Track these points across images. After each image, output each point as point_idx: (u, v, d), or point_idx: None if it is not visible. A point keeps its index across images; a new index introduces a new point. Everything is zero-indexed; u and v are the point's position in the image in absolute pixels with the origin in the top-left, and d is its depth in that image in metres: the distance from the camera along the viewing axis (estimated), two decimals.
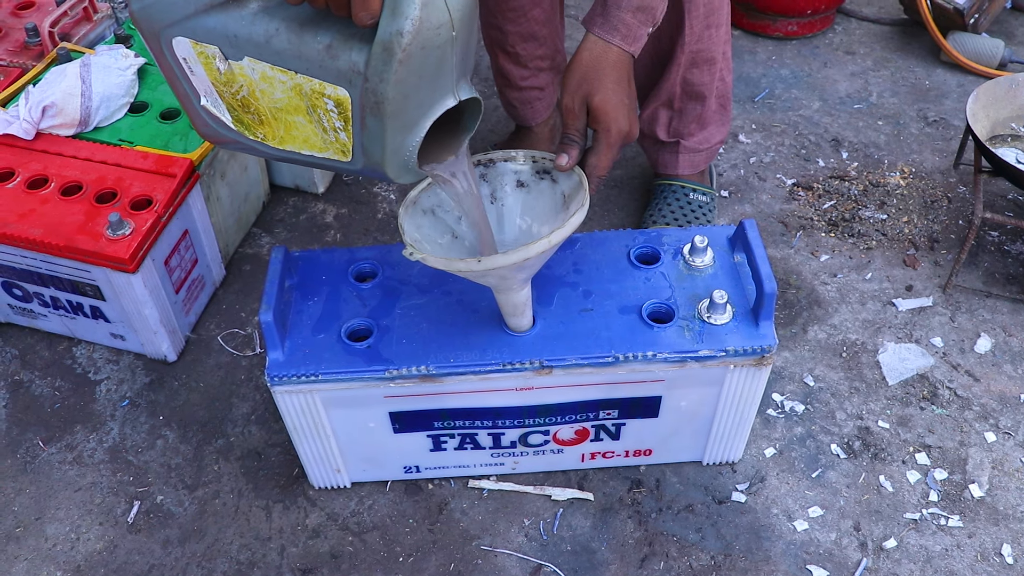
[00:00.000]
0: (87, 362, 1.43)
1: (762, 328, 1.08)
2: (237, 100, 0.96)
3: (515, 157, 1.06)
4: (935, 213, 1.64)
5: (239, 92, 0.94)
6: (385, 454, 1.20)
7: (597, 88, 1.05)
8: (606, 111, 1.04)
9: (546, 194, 1.06)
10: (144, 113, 1.46)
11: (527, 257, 0.92)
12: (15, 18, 1.64)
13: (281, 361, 1.07)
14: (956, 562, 1.17)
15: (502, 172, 1.07)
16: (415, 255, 0.95)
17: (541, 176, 1.06)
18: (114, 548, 1.21)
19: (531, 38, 1.46)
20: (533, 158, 1.06)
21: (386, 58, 0.80)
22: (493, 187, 1.07)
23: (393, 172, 0.93)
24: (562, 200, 1.04)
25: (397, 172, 0.94)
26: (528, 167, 1.06)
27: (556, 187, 1.05)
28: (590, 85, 1.05)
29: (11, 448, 1.32)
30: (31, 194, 1.33)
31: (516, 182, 1.07)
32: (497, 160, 1.06)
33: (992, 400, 1.35)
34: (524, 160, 1.06)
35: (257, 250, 1.61)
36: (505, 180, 1.07)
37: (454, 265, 0.94)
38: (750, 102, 1.91)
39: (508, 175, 1.07)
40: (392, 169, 0.93)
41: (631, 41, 1.07)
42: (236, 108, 0.97)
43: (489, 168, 1.06)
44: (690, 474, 1.26)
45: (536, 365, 1.07)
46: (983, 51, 1.95)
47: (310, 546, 1.20)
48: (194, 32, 0.89)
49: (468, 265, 0.92)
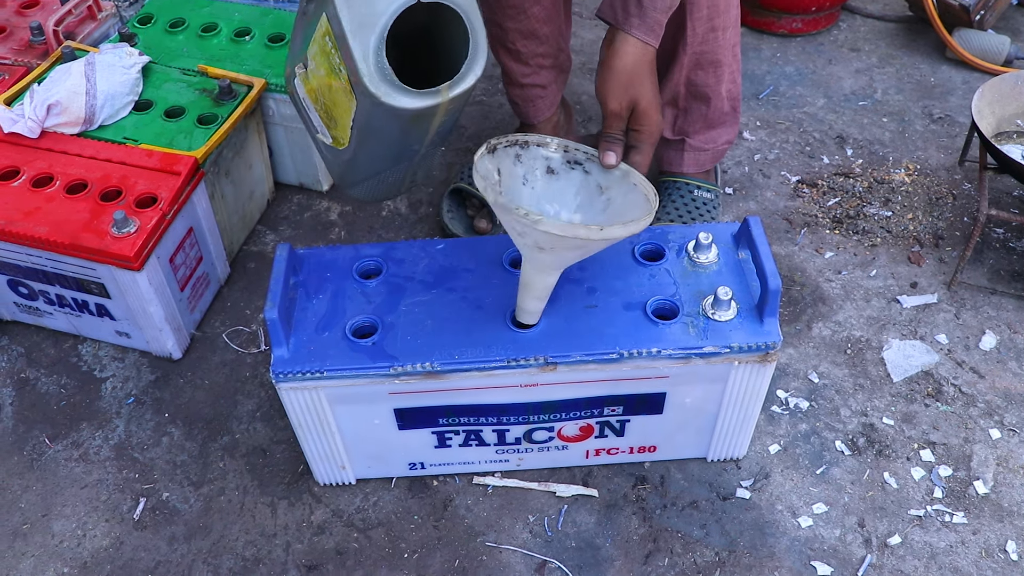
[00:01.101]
0: (93, 360, 1.44)
1: (766, 325, 1.08)
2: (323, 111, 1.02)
3: (548, 144, 1.09)
4: (940, 210, 1.64)
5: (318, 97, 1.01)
6: (390, 451, 1.21)
7: (642, 92, 1.10)
8: (649, 114, 1.10)
9: (576, 183, 1.10)
10: (148, 111, 1.47)
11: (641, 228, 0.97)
12: (20, 17, 1.64)
13: (286, 358, 1.07)
14: (961, 559, 1.17)
15: (534, 156, 1.09)
16: (530, 216, 0.92)
17: (572, 166, 1.10)
18: (120, 545, 1.21)
19: (531, 36, 1.46)
20: (565, 147, 1.10)
21: None
22: (526, 169, 1.09)
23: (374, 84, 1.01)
24: (599, 191, 1.09)
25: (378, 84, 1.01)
26: (559, 155, 1.10)
27: (589, 178, 1.09)
28: (636, 90, 1.10)
29: (18, 445, 1.33)
30: (36, 192, 1.33)
31: (546, 168, 1.10)
32: (532, 143, 1.09)
33: (997, 397, 1.34)
34: (556, 148, 1.10)
35: (262, 247, 1.61)
36: (536, 164, 1.09)
37: (576, 231, 0.92)
38: (755, 99, 1.91)
39: (539, 160, 1.09)
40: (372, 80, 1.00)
41: (656, 37, 1.11)
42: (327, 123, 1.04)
43: (524, 150, 1.08)
44: (694, 470, 1.26)
45: (541, 362, 1.07)
46: (989, 48, 1.95)
47: (315, 542, 1.20)
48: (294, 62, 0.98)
49: (589, 232, 0.93)
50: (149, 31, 1.63)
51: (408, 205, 1.68)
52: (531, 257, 1.01)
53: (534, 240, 0.96)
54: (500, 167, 1.05)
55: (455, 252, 1.20)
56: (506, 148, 1.07)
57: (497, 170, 1.05)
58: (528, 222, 0.92)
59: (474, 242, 1.22)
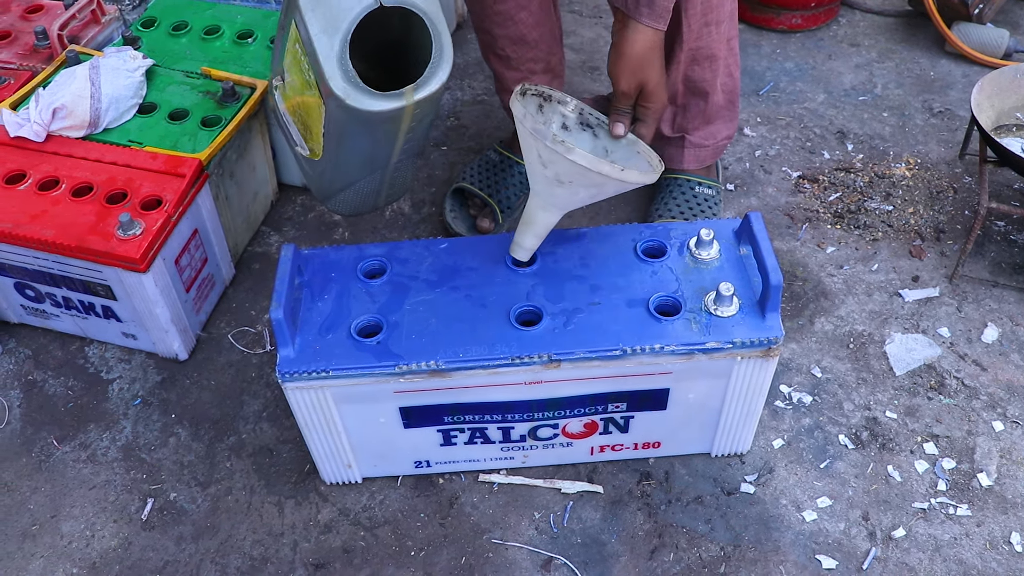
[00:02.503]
0: (99, 361, 1.44)
1: (768, 320, 1.09)
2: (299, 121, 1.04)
3: (567, 103, 1.19)
4: (941, 204, 1.64)
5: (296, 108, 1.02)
6: (396, 449, 1.21)
7: (649, 75, 1.17)
8: (656, 93, 1.19)
9: (585, 143, 1.19)
10: (153, 114, 1.47)
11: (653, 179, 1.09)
12: (24, 21, 1.65)
13: (292, 358, 1.08)
14: (965, 551, 1.17)
15: (553, 110, 1.19)
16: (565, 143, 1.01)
17: (583, 127, 1.20)
18: (128, 545, 1.22)
19: (521, 41, 1.46)
20: (581, 110, 1.20)
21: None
22: (544, 119, 1.18)
23: (338, 86, 1.05)
24: (604, 153, 1.18)
25: (342, 86, 1.05)
26: (575, 116, 1.19)
27: (598, 141, 1.19)
28: (644, 73, 1.17)
29: (26, 447, 1.33)
30: (42, 196, 1.34)
31: (562, 123, 1.19)
32: (554, 99, 1.19)
33: (1000, 389, 1.35)
34: (573, 109, 1.20)
35: (266, 248, 1.62)
36: (553, 118, 1.19)
37: (600, 165, 1.01)
38: (755, 95, 1.92)
39: (557, 115, 1.19)
40: (336, 82, 1.03)
41: (664, 21, 1.17)
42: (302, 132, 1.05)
43: (547, 102, 1.18)
44: (699, 466, 1.27)
45: (545, 359, 1.08)
46: (988, 41, 1.95)
47: (322, 541, 1.21)
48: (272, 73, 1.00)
49: (612, 169, 1.02)
50: (153, 34, 1.64)
51: (411, 205, 1.68)
52: (544, 191, 1.09)
53: (555, 173, 1.04)
54: (526, 110, 1.13)
55: (458, 251, 1.20)
56: (532, 96, 1.16)
57: (525, 114, 1.13)
58: (562, 149, 1.00)
59: (477, 241, 1.23)
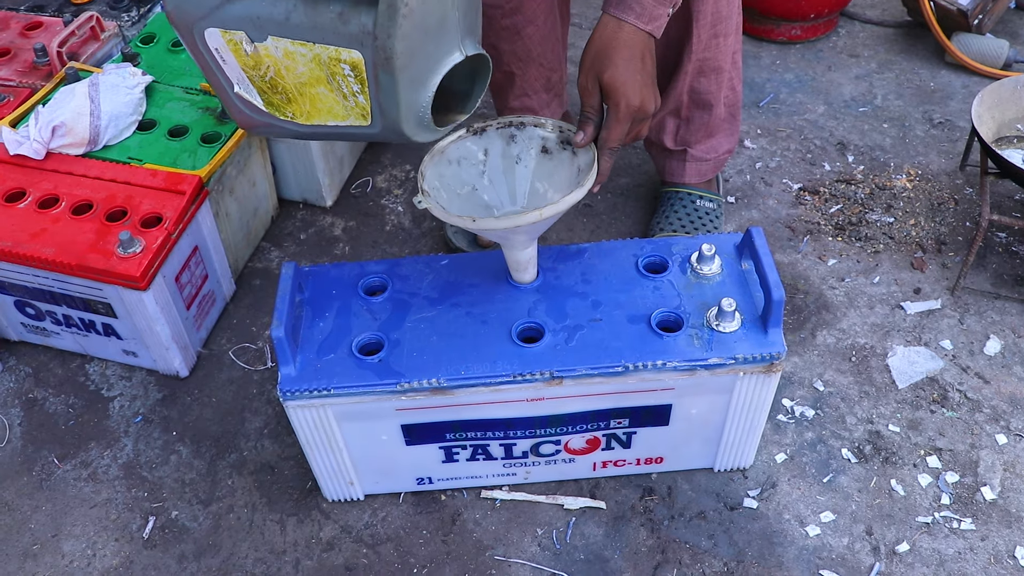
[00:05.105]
0: (100, 379, 1.44)
1: (771, 335, 1.09)
2: (266, 82, 1.04)
3: (544, 124, 1.14)
4: (942, 215, 1.64)
5: (267, 73, 1.02)
6: (397, 466, 1.21)
7: (607, 65, 1.07)
8: (615, 87, 1.07)
9: (565, 164, 1.13)
10: (152, 131, 1.47)
11: (517, 224, 1.01)
12: (23, 39, 1.65)
13: (293, 376, 1.08)
14: (969, 565, 1.17)
15: (530, 136, 1.14)
16: (424, 203, 1.03)
17: (564, 146, 1.13)
18: (130, 564, 1.22)
19: (527, 58, 1.45)
20: (560, 128, 1.13)
21: (391, 14, 0.89)
22: (520, 149, 1.14)
23: (410, 129, 1.04)
24: (576, 173, 1.11)
25: (414, 129, 1.04)
26: (555, 135, 1.13)
27: (575, 160, 1.12)
28: (601, 63, 1.08)
29: (27, 466, 1.33)
30: (42, 214, 1.34)
31: (541, 147, 1.14)
32: (528, 124, 1.14)
33: (1003, 402, 1.34)
34: (552, 128, 1.13)
35: (267, 264, 1.62)
36: (532, 144, 1.14)
37: (452, 219, 1.03)
38: (755, 107, 1.92)
39: (535, 140, 1.14)
40: (409, 126, 1.02)
41: (647, 20, 1.09)
42: (266, 91, 1.06)
43: (520, 131, 1.14)
44: (702, 481, 1.27)
45: (547, 376, 1.07)
46: (988, 52, 1.95)
47: (324, 559, 1.21)
48: (223, 21, 0.99)
49: (464, 222, 1.02)
50: (152, 51, 1.64)
51: (412, 220, 1.68)
52: (502, 239, 1.09)
53: (483, 233, 1.07)
54: (488, 148, 1.12)
55: (459, 267, 1.20)
56: (499, 130, 1.13)
57: (484, 151, 1.12)
58: (460, 221, 1.02)
59: (478, 257, 1.23)
